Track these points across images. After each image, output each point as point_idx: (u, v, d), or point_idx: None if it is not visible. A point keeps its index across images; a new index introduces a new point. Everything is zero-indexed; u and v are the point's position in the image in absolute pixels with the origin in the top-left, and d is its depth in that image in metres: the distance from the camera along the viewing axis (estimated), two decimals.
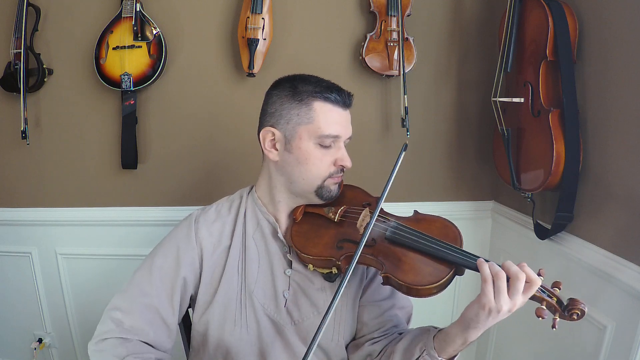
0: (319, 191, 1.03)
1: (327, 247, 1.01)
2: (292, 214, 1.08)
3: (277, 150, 1.03)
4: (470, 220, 1.88)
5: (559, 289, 0.87)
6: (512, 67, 1.47)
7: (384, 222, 1.01)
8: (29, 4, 1.57)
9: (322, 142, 1.00)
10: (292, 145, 1.01)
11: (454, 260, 0.90)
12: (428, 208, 1.82)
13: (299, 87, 1.01)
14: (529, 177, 1.47)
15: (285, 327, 1.04)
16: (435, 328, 0.97)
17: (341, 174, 1.05)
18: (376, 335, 1.05)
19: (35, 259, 1.80)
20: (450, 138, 1.82)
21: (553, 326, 0.84)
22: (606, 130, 1.28)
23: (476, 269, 0.87)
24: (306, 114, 0.99)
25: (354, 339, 1.10)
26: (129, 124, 1.65)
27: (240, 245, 1.07)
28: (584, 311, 0.82)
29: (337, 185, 1.06)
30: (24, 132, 1.61)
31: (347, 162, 1.03)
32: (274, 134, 1.02)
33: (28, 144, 1.65)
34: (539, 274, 0.86)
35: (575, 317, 0.83)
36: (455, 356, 0.93)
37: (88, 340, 1.95)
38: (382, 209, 1.03)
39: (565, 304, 0.84)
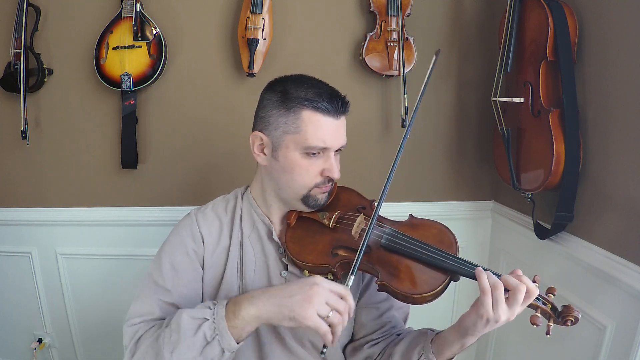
0: (306, 200, 1.01)
1: (322, 254, 0.99)
2: (286, 218, 1.06)
3: (265, 155, 1.01)
4: (470, 220, 1.89)
5: (554, 295, 0.87)
6: (512, 67, 1.47)
7: (380, 228, 0.98)
8: (29, 4, 1.58)
9: (309, 152, 0.96)
10: (278, 153, 0.98)
11: (450, 268, 0.89)
12: (428, 208, 1.84)
13: (290, 92, 0.96)
14: (529, 177, 1.47)
15: (282, 328, 1.03)
16: (433, 331, 0.97)
17: (329, 184, 1.02)
18: (375, 337, 1.05)
19: (35, 259, 1.80)
20: (450, 138, 1.82)
21: (547, 332, 0.84)
22: (606, 130, 1.28)
23: (472, 276, 0.86)
24: (294, 122, 0.95)
25: (352, 340, 1.09)
26: (129, 124, 1.65)
27: (238, 246, 1.06)
28: (578, 318, 0.83)
29: (326, 194, 1.03)
30: (24, 132, 1.61)
31: (335, 174, 0.99)
32: (262, 139, 1.00)
33: (28, 144, 1.65)
34: (533, 281, 0.85)
35: (569, 324, 0.84)
36: (452, 358, 0.93)
37: (88, 340, 1.95)
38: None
39: (559, 310, 0.85)
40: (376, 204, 0.95)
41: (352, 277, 0.88)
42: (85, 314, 1.86)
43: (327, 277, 0.98)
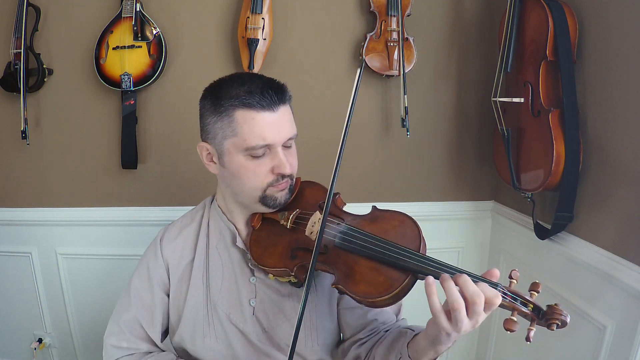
0: (264, 201, 0.97)
1: (281, 257, 0.94)
2: (250, 221, 1.03)
3: (215, 163, 0.99)
4: (470, 220, 1.89)
5: (537, 292, 0.76)
6: (512, 67, 1.47)
7: (335, 226, 0.92)
8: (29, 4, 1.58)
9: (252, 154, 0.92)
10: (224, 159, 0.95)
11: (410, 267, 0.80)
12: (428, 208, 1.84)
13: (220, 96, 0.92)
14: (529, 177, 1.47)
15: (255, 335, 1.02)
16: (413, 330, 0.93)
17: (284, 181, 0.96)
18: (362, 336, 1.02)
19: (35, 259, 1.80)
20: (450, 138, 1.82)
21: (527, 339, 0.73)
22: (606, 130, 1.28)
23: (435, 276, 0.77)
24: (229, 126, 0.91)
25: (343, 340, 1.08)
26: (129, 124, 1.65)
27: (204, 256, 1.05)
28: (566, 322, 0.73)
29: (285, 191, 0.98)
30: (24, 132, 1.61)
31: (285, 169, 0.93)
32: (208, 149, 0.98)
33: (28, 144, 1.65)
34: (510, 276, 0.78)
35: (554, 328, 0.73)
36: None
37: (88, 340, 1.95)
38: (338, 208, 0.97)
39: (543, 310, 0.74)
40: (326, 201, 0.87)
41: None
42: (85, 314, 1.86)
43: (290, 281, 0.97)
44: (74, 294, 1.84)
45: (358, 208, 1.02)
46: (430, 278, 0.76)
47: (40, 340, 1.85)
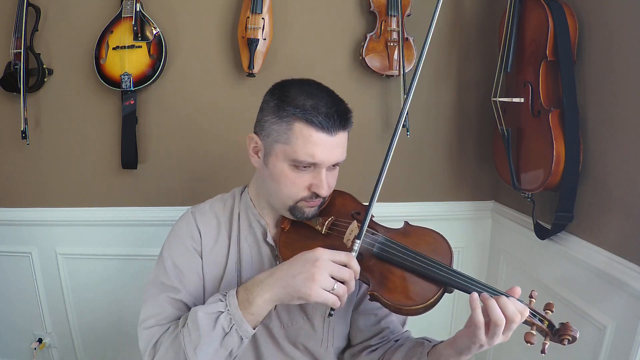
0: (292, 211, 0.98)
1: None
2: (280, 222, 1.05)
3: (259, 157, 0.99)
4: (470, 220, 1.89)
5: (552, 311, 0.85)
6: (512, 67, 1.47)
7: (372, 235, 0.96)
8: (29, 4, 1.58)
9: (297, 165, 0.92)
10: (269, 160, 0.95)
11: (443, 281, 0.86)
12: (428, 208, 1.84)
13: (286, 100, 0.92)
14: (529, 177, 1.47)
15: (275, 330, 1.03)
16: (430, 342, 0.95)
17: (317, 200, 0.98)
18: (373, 343, 1.04)
19: (35, 259, 1.80)
20: (450, 138, 1.82)
21: (542, 351, 0.81)
22: (606, 130, 1.28)
23: (466, 290, 0.84)
24: (285, 133, 0.91)
25: (350, 346, 1.09)
26: (129, 124, 1.65)
27: (236, 246, 1.05)
28: (576, 337, 0.81)
29: (314, 208, 0.99)
30: (24, 132, 1.61)
31: (322, 191, 0.94)
32: (257, 142, 0.98)
33: (28, 144, 1.65)
34: (530, 296, 0.84)
35: (566, 343, 0.81)
36: None
37: (88, 340, 1.94)
38: (370, 219, 0.99)
39: (556, 327, 0.82)
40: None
41: (358, 241, 0.88)
42: (85, 314, 1.86)
43: None
44: (74, 294, 1.84)
45: None
46: (475, 294, 0.81)
47: (40, 340, 1.85)
